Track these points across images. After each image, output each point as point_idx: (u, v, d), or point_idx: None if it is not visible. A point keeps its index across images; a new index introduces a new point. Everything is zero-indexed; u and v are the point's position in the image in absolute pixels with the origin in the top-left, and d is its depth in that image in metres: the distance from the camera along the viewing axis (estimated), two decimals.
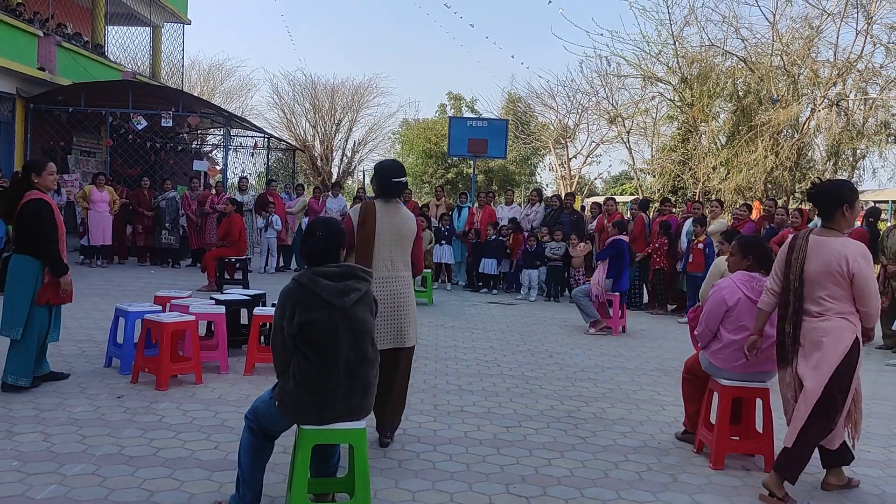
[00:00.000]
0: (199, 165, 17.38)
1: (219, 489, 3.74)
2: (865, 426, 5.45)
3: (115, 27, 22.27)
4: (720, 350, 4.45)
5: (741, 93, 22.05)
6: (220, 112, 18.30)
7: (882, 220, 18.77)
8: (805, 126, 21.32)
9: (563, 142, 31.59)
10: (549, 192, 30.36)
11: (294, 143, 29.15)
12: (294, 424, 3.33)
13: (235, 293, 7.47)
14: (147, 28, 22.80)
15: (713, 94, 22.17)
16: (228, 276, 11.06)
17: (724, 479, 4.25)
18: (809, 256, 3.91)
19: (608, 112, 27.43)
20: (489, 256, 12.64)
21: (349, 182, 36.21)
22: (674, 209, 12.49)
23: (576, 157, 32.46)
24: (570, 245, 11.73)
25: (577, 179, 32.36)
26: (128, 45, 22.10)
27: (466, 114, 35.77)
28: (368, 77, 50.68)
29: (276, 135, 25.98)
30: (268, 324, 6.52)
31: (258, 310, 6.51)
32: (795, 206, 14.95)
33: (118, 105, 16.43)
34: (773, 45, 21.45)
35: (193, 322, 5.91)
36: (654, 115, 25.83)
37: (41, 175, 5.37)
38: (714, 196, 19.28)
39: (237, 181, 15.80)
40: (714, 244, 10.09)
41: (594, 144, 31.53)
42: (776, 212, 10.50)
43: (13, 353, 5.26)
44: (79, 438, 4.38)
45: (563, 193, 17.16)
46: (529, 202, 14.13)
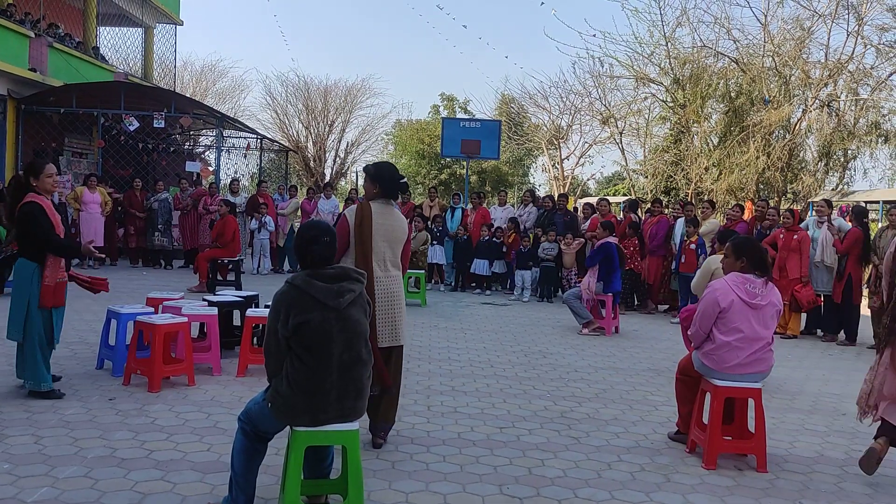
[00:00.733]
0: (192, 167, 17.32)
1: (211, 491, 3.73)
2: (855, 425, 5.49)
3: (107, 28, 22.18)
4: (713, 351, 4.46)
5: (733, 94, 22.09)
6: (213, 113, 18.26)
7: (873, 221, 18.87)
8: (796, 127, 21.39)
9: (556, 143, 31.61)
10: (542, 193, 30.41)
11: (287, 144, 29.07)
12: (287, 426, 3.33)
13: (228, 295, 7.45)
14: (139, 29, 22.72)
15: (705, 95, 22.22)
16: (221, 278, 11.04)
17: (717, 479, 4.27)
18: None
19: (601, 113, 27.46)
20: (481, 257, 12.65)
21: (342, 183, 36.14)
22: (665, 210, 12.51)
23: (568, 158, 32.48)
24: (564, 243, 11.74)
25: (570, 180, 32.39)
26: (120, 46, 22.00)
27: (459, 115, 35.78)
28: (361, 78, 50.68)
29: (269, 136, 25.91)
30: (261, 325, 6.51)
31: (251, 311, 6.49)
32: (787, 207, 15.01)
33: (110, 106, 16.37)
34: (765, 47, 21.51)
35: (186, 324, 5.89)
36: (647, 116, 25.86)
37: (39, 178, 5.34)
38: (706, 197, 19.33)
39: (229, 183, 15.75)
40: (706, 244, 10.13)
41: (587, 145, 31.55)
42: (768, 212, 10.53)
43: (21, 359, 5.27)
44: (70, 441, 4.36)
45: (556, 194, 17.18)
46: (523, 203, 14.14)
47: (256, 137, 20.50)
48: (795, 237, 9.44)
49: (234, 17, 71.25)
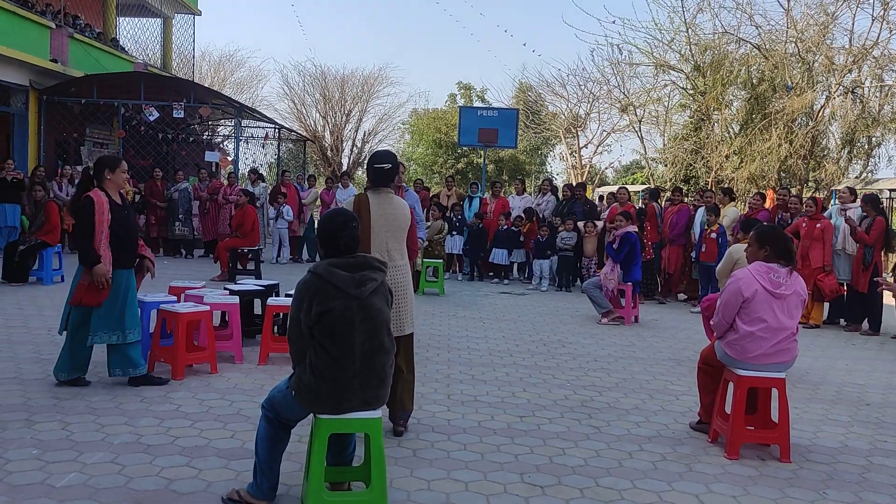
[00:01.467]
0: (211, 156, 17.43)
1: (236, 477, 3.77)
2: (880, 415, 5.44)
3: (126, 18, 22.32)
4: (736, 341, 4.43)
5: (755, 80, 21.83)
6: (231, 103, 18.33)
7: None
8: (820, 114, 21.11)
9: (574, 131, 31.44)
10: (560, 182, 30.29)
11: (304, 134, 29.16)
12: (310, 414, 3.35)
13: (249, 284, 7.50)
14: (158, 19, 22.84)
15: (726, 82, 21.97)
16: (241, 267, 11.11)
17: (740, 469, 4.25)
18: None
19: (619, 101, 27.26)
20: (500, 247, 12.63)
21: (359, 172, 36.21)
22: (685, 198, 12.42)
23: (587, 147, 32.33)
24: (586, 231, 11.68)
25: (588, 169, 32.23)
26: (139, 37, 22.15)
27: (477, 104, 35.67)
28: (378, 67, 50.61)
29: (287, 125, 25.99)
30: (281, 314, 6.55)
31: (272, 300, 6.52)
32: (810, 195, 14.85)
33: (130, 96, 16.49)
34: (788, 32, 21.23)
35: (208, 312, 5.94)
36: (667, 104, 25.63)
37: (114, 172, 5.32)
38: (727, 185, 19.16)
39: (247, 173, 15.84)
40: (727, 233, 10.05)
41: (605, 134, 31.38)
42: (790, 200, 10.42)
43: (130, 350, 5.29)
44: (97, 427, 4.42)
45: (574, 183, 17.10)
46: (541, 192, 14.09)
47: (274, 127, 20.57)
48: (818, 226, 9.34)
49: (252, 7, 71.36)
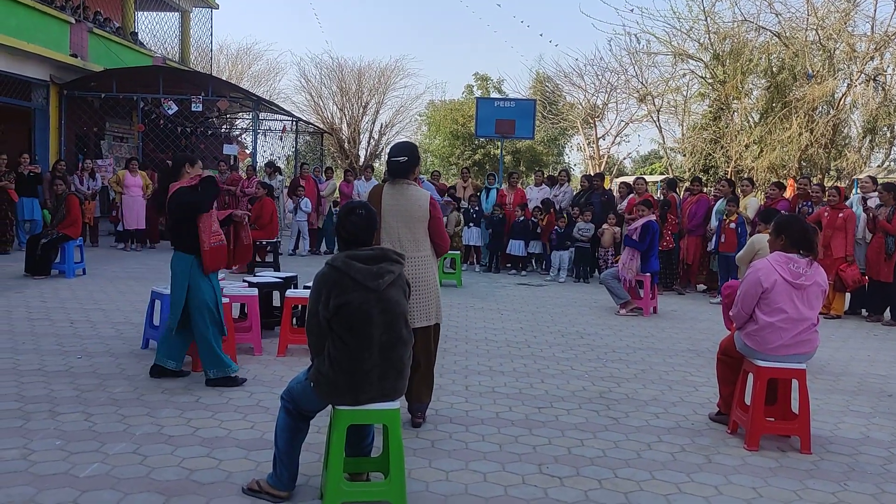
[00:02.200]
0: (229, 149, 17.51)
1: (256, 468, 3.81)
2: (888, 407, 5.39)
3: (145, 13, 22.46)
4: (756, 332, 4.39)
5: (775, 69, 21.59)
6: (249, 96, 18.41)
7: None
8: (841, 102, 20.85)
9: (592, 121, 31.28)
10: (577, 173, 30.15)
11: (322, 126, 29.24)
12: (328, 405, 3.37)
13: (267, 276, 7.55)
14: (176, 13, 22.96)
15: (746, 71, 21.76)
16: (259, 259, 11.18)
17: (760, 461, 4.22)
18: None
19: (638, 91, 27.08)
20: (517, 238, 12.61)
21: (377, 164, 36.28)
22: (704, 188, 12.32)
23: (604, 137, 32.15)
24: (608, 224, 11.63)
25: (606, 159, 32.06)
26: (157, 31, 22.31)
27: (493, 94, 35.56)
28: (395, 59, 50.52)
29: (304, 118, 26.07)
30: (300, 306, 6.59)
31: (290, 292, 6.57)
32: (831, 184, 14.69)
33: (149, 90, 16.61)
34: (808, 20, 20.97)
35: (227, 304, 5.97)
36: (685, 93, 25.45)
37: (194, 167, 5.42)
38: (747, 175, 18.98)
39: (264, 166, 15.91)
40: (746, 224, 9.96)
41: (623, 124, 31.20)
42: (812, 189, 10.31)
43: (162, 339, 5.33)
44: (119, 418, 4.47)
45: (592, 174, 17.02)
46: (558, 183, 14.03)
47: (292, 120, 20.65)
48: (840, 215, 9.23)
49: (269, 0, 71.49)
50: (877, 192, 9.32)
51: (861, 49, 20.58)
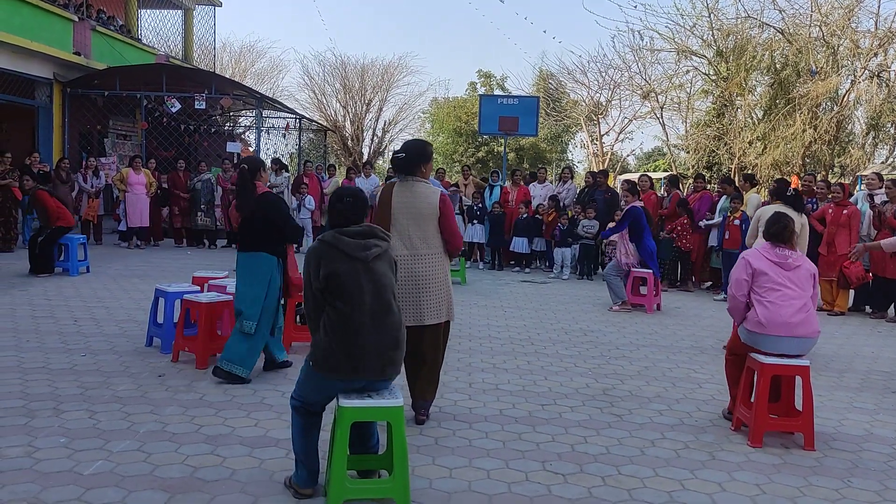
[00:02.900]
0: (233, 147, 17.52)
1: (260, 465, 3.81)
2: (892, 403, 5.38)
3: (148, 10, 22.46)
4: (755, 316, 4.46)
5: (778, 65, 21.54)
6: (252, 94, 18.41)
7: None
8: (845, 98, 20.81)
9: (595, 118, 31.25)
10: (581, 170, 30.13)
11: (325, 124, 29.24)
12: (333, 392, 3.40)
13: None
14: (179, 11, 22.96)
15: (749, 68, 21.70)
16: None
17: (763, 458, 4.22)
18: None
19: (641, 87, 27.05)
20: (521, 235, 12.60)
21: (380, 162, 36.27)
22: (708, 185, 12.30)
23: (608, 134, 32.13)
24: (611, 224, 11.63)
25: (610, 156, 32.03)
26: (160, 28, 22.31)
27: (497, 92, 35.52)
28: (398, 56, 50.59)
29: (308, 115, 26.07)
30: (303, 304, 6.58)
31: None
32: (836, 181, 14.64)
33: (152, 88, 16.62)
34: (812, 16, 20.91)
35: (230, 302, 5.98)
36: (689, 90, 25.39)
37: (265, 172, 5.72)
38: (750, 171, 18.95)
39: (270, 163, 15.92)
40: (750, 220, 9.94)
41: (627, 121, 31.18)
42: (816, 186, 10.28)
43: (242, 344, 5.27)
44: (123, 416, 4.48)
45: (596, 171, 17.00)
46: (561, 180, 14.02)
47: (295, 117, 20.64)
48: (845, 212, 9.21)
49: None
50: (884, 188, 9.29)
51: (865, 45, 20.52)
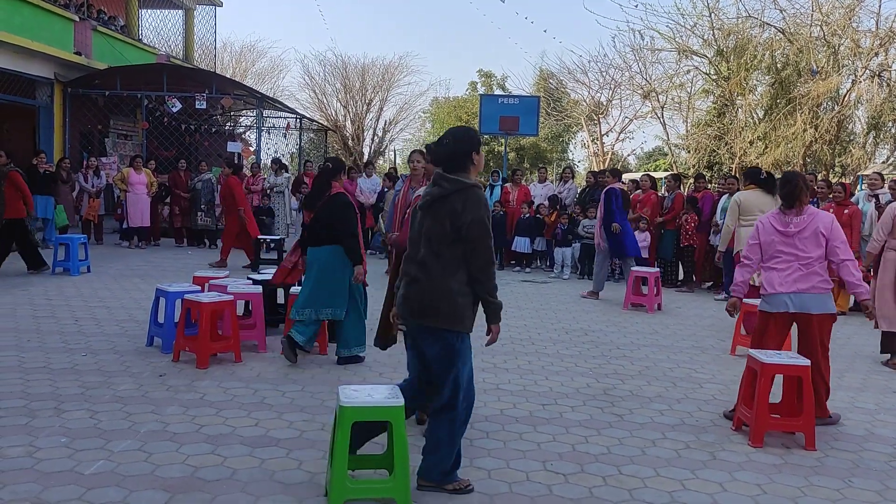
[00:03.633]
0: (233, 147, 17.52)
1: (260, 465, 3.81)
2: (893, 403, 5.36)
3: (149, 10, 22.46)
4: (765, 280, 4.91)
5: (779, 65, 21.52)
6: (253, 93, 18.41)
7: None
8: (845, 98, 20.79)
9: (596, 118, 31.25)
10: (582, 170, 30.11)
11: (326, 124, 29.23)
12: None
13: (272, 273, 7.54)
14: (180, 10, 22.96)
15: (750, 67, 21.69)
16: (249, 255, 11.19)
17: (764, 458, 4.22)
18: None
19: (642, 87, 27.04)
20: (522, 235, 12.59)
21: (380, 162, 36.26)
22: (709, 185, 12.29)
23: (608, 134, 32.12)
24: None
25: (611, 156, 32.02)
26: (161, 28, 22.30)
27: (497, 91, 35.51)
28: (399, 56, 50.54)
29: (308, 115, 26.06)
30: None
31: (294, 289, 6.57)
32: (837, 180, 14.63)
33: (153, 88, 16.62)
34: (813, 15, 20.89)
35: (232, 302, 6.00)
36: (689, 90, 25.39)
37: (344, 175, 6.19)
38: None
39: (271, 163, 15.92)
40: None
41: (627, 120, 31.17)
42: (818, 186, 10.28)
43: (349, 328, 5.87)
44: (124, 416, 4.48)
45: (597, 170, 17.00)
46: (562, 180, 14.02)
47: (296, 117, 20.64)
48: (846, 212, 9.20)
49: None
50: (887, 187, 9.28)
51: (866, 45, 20.51)
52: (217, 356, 5.88)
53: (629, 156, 38.77)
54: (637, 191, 11.99)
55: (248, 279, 7.02)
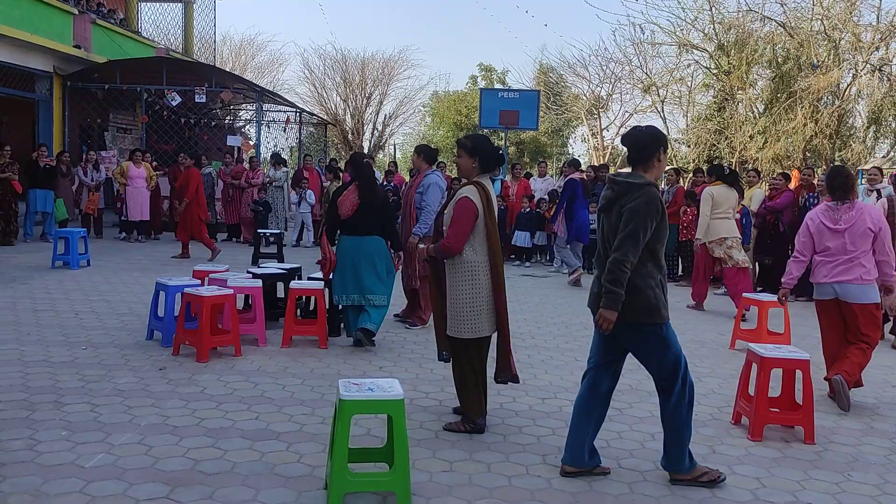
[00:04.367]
0: (233, 141, 17.52)
1: (261, 458, 3.82)
2: (892, 397, 5.37)
3: (148, 3, 22.42)
4: (813, 269, 5.22)
5: (780, 59, 21.50)
6: (253, 87, 18.38)
7: None
8: (846, 92, 20.75)
9: (596, 112, 31.22)
10: (583, 164, 30.03)
11: (325, 118, 29.20)
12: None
13: (272, 267, 7.55)
14: (179, 4, 22.91)
15: (751, 61, 21.65)
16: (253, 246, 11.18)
17: (763, 451, 4.23)
18: None
19: (642, 81, 27.00)
20: (522, 229, 12.59)
21: (380, 156, 36.23)
22: (707, 179, 12.27)
23: (608, 128, 32.09)
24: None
25: (611, 150, 32.01)
26: (160, 22, 22.27)
27: (497, 85, 35.46)
28: (399, 49, 50.45)
29: (308, 109, 26.03)
30: (304, 297, 6.60)
31: (294, 283, 6.57)
32: None
33: (152, 82, 16.60)
34: (814, 10, 20.84)
35: (232, 296, 5.99)
36: (690, 84, 25.36)
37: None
38: (751, 166, 18.93)
39: (269, 157, 15.91)
40: (751, 214, 9.93)
41: (627, 114, 31.13)
42: (816, 180, 10.27)
43: (383, 312, 6.30)
44: (124, 409, 4.49)
45: (597, 164, 16.98)
46: (563, 174, 13.98)
47: (295, 111, 20.62)
48: None
49: None
50: (887, 181, 9.28)
51: (866, 39, 20.46)
52: (217, 350, 5.89)
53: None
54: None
55: (249, 273, 7.02)
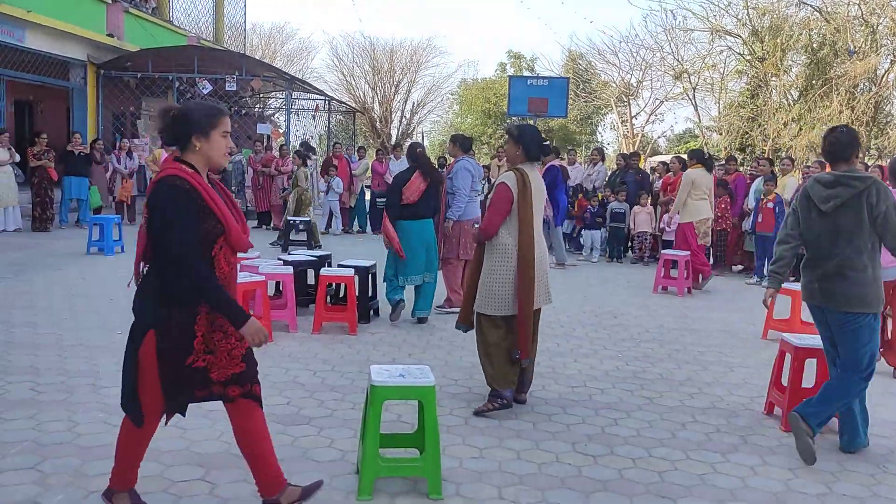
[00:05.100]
0: (263, 129, 17.63)
1: (292, 442, 3.87)
2: None
3: None
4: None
5: (815, 45, 21.08)
6: (282, 75, 18.48)
7: None
8: (884, 79, 20.31)
9: (626, 100, 30.90)
10: (611, 152, 29.86)
11: (354, 106, 29.29)
12: None
13: (302, 254, 7.62)
14: None
15: (786, 47, 21.27)
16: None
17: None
18: None
19: (673, 68, 26.66)
20: None
21: (408, 143, 36.26)
22: (740, 167, 12.12)
23: (638, 116, 31.78)
24: (637, 208, 11.54)
25: (640, 138, 31.69)
26: (191, 10, 22.42)
27: (526, 73, 35.25)
28: (427, 37, 50.34)
29: (337, 97, 26.11)
30: (334, 284, 6.65)
31: (324, 270, 6.62)
32: (874, 163, 14.34)
33: (184, 70, 16.76)
34: None
35: (263, 282, 6.05)
36: (722, 70, 24.97)
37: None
38: (785, 153, 18.63)
39: (299, 146, 15.99)
40: (784, 204, 9.78)
41: (658, 102, 30.81)
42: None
43: (430, 297, 6.73)
44: None
45: (628, 152, 16.83)
46: (591, 162, 13.89)
47: (324, 99, 20.70)
48: None
49: None
50: None
51: None
52: None
53: (659, 138, 38.33)
54: (668, 173, 11.84)
55: (279, 260, 7.08)
